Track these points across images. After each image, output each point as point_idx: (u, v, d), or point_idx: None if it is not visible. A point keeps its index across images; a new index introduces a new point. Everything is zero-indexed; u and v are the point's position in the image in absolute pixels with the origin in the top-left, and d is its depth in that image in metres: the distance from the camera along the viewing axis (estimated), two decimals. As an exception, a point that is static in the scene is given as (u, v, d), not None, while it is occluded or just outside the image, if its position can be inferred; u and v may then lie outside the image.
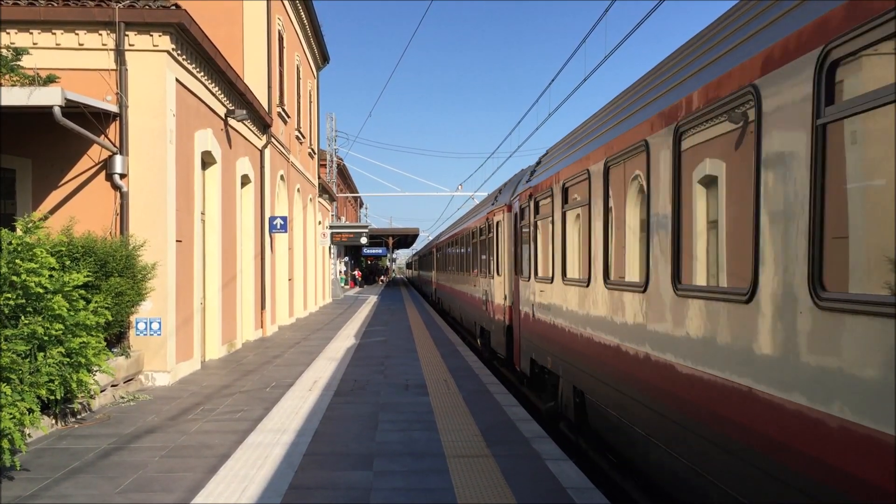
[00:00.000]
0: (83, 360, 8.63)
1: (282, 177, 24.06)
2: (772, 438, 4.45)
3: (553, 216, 10.26)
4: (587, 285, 8.45)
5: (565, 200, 9.72)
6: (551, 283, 10.36)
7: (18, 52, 11.31)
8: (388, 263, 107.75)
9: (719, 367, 5.15)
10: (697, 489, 5.55)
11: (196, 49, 13.60)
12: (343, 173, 57.11)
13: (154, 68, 12.35)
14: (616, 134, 7.65)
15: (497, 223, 16.33)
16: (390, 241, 75.27)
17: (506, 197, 15.52)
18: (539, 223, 11.35)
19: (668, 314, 6.07)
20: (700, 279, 5.70)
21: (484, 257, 18.67)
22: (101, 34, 12.17)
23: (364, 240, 41.33)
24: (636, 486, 7.73)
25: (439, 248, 36.07)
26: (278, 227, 21.52)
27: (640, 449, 6.80)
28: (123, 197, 12.09)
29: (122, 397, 11.05)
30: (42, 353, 8.02)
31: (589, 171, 8.47)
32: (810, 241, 4.10)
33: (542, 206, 11.23)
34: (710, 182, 5.66)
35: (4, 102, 10.36)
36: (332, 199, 43.08)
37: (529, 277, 12.10)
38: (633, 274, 7.12)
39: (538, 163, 12.72)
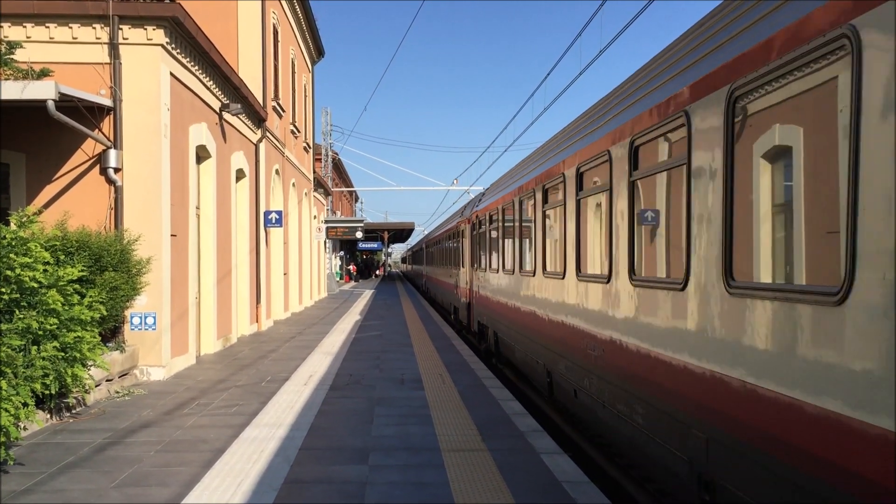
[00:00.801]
0: (78, 355, 8.61)
1: (277, 171, 24.02)
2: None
3: (488, 229, 16.58)
4: (505, 273, 14.12)
5: (491, 221, 16.08)
6: (486, 272, 16.79)
7: (12, 46, 11.26)
8: (383, 258, 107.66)
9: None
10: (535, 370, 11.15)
11: (190, 43, 13.55)
12: (338, 168, 57.07)
13: (148, 62, 12.31)
14: (522, 181, 12.56)
15: (462, 230, 22.38)
16: (386, 235, 75.23)
17: (468, 212, 21.17)
18: (482, 233, 17.69)
19: (534, 289, 11.29)
20: (558, 268, 9.91)
21: (455, 255, 24.71)
22: (94, 28, 12.12)
23: (359, 234, 41.33)
24: (630, 479, 7.76)
25: (426, 247, 43.03)
26: (273, 221, 21.50)
27: (519, 357, 12.72)
28: (118, 191, 12.05)
29: (117, 392, 11.04)
30: (36, 348, 8.01)
31: (502, 205, 14.46)
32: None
33: (482, 222, 17.68)
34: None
35: (-2, 96, 10.31)
36: (327, 193, 43.04)
37: (478, 269, 18.28)
38: (533, 266, 11.47)
39: (483, 193, 19.35)
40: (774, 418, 4.44)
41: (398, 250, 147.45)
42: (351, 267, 72.93)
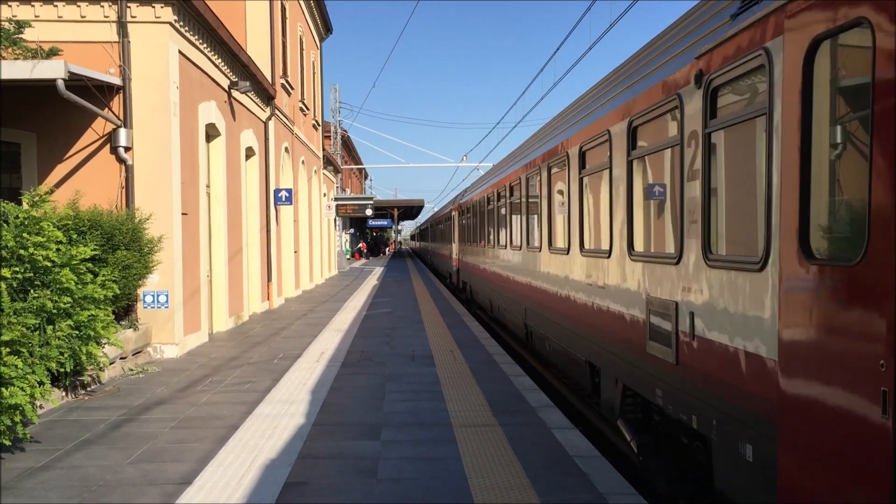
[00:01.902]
0: (92, 333, 8.68)
1: (286, 149, 24.00)
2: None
3: (469, 215, 23.07)
4: (479, 245, 20.20)
5: (470, 211, 22.57)
6: (465, 244, 24.22)
7: (21, 25, 11.25)
8: (392, 235, 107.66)
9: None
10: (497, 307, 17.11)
11: (198, 20, 13.50)
12: (347, 145, 56.96)
13: (156, 40, 12.28)
14: (494, 179, 17.50)
15: (453, 214, 29.68)
16: (395, 212, 75.21)
17: (457, 202, 28.63)
18: (464, 218, 24.74)
19: (493, 256, 17.44)
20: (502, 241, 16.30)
21: (448, 234, 32.42)
22: (102, 6, 12.08)
23: (369, 211, 41.34)
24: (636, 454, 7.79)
25: (431, 226, 52.22)
26: (283, 199, 21.51)
27: (481, 299, 19.85)
28: (128, 170, 12.08)
29: (131, 370, 11.14)
30: (51, 327, 8.07)
31: (476, 199, 20.83)
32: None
33: (464, 211, 24.77)
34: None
35: (7, 76, 10.32)
36: (336, 171, 42.99)
37: (462, 243, 25.65)
38: (501, 240, 15.92)
39: (466, 189, 26.97)
40: (546, 299, 11.01)
41: (408, 227, 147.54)
42: (361, 245, 73.03)
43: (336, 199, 39.34)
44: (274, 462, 6.61)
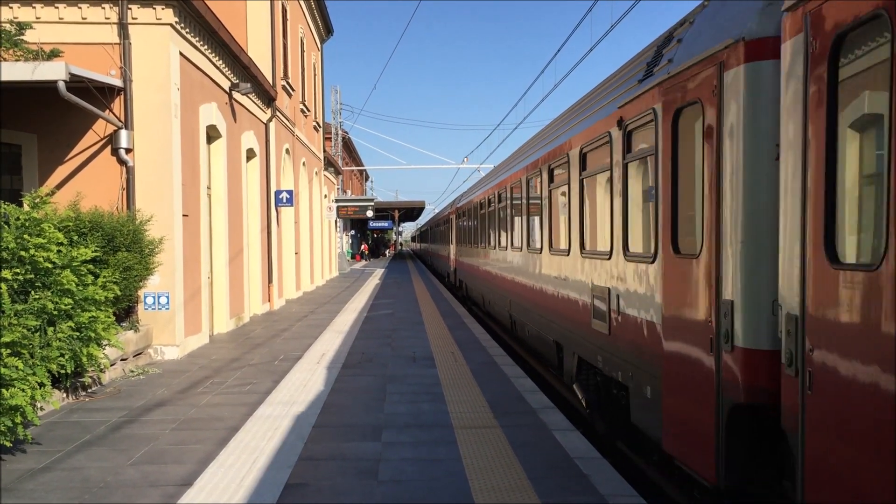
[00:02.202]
0: (93, 335, 8.68)
1: (287, 150, 24.00)
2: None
3: (463, 219, 25.54)
4: (472, 247, 21.88)
5: (465, 214, 24.71)
6: (461, 245, 26.13)
7: (21, 27, 11.26)
8: (393, 236, 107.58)
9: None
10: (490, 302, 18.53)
11: (199, 22, 13.51)
12: (348, 146, 56.97)
13: (157, 42, 12.29)
14: (482, 189, 20.32)
15: (451, 218, 31.61)
16: (396, 214, 75.20)
17: (454, 206, 30.76)
18: (461, 221, 26.44)
19: (482, 256, 19.66)
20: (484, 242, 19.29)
21: (447, 235, 34.35)
22: (103, 8, 12.09)
23: (370, 213, 41.29)
24: (643, 457, 7.79)
25: (430, 229, 55.10)
26: (284, 200, 21.52)
27: (474, 294, 21.93)
28: (129, 171, 12.08)
29: (132, 371, 11.14)
30: (52, 328, 8.07)
31: (469, 205, 23.45)
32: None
33: (459, 214, 27.18)
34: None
35: (9, 77, 10.33)
36: (337, 172, 43.00)
37: (458, 244, 27.71)
38: (491, 242, 17.68)
39: (461, 195, 29.53)
40: (525, 292, 12.71)
41: (408, 229, 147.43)
42: (363, 247, 73.06)
43: (337, 201, 39.34)
44: (275, 463, 6.61)
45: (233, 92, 16.29)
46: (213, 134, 15.21)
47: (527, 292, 12.81)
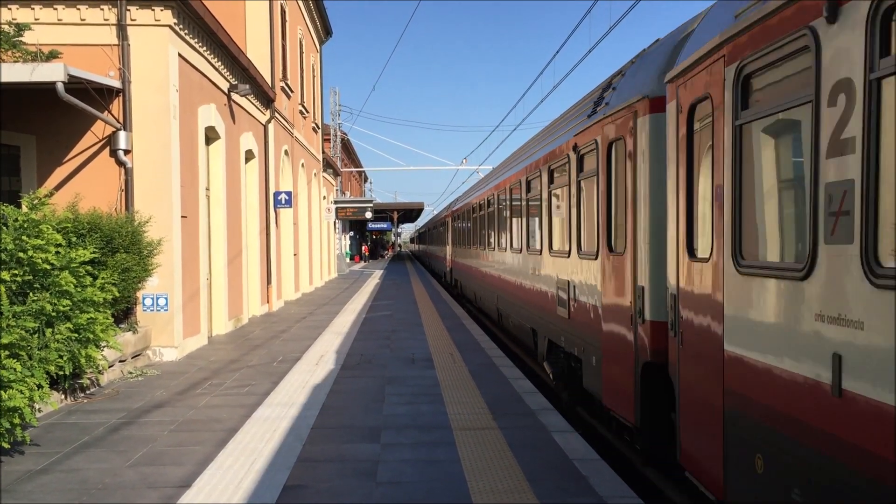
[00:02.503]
0: (91, 336, 8.67)
1: (286, 152, 24.00)
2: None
3: (457, 222, 28.12)
4: (465, 248, 24.76)
5: (459, 218, 27.45)
6: (456, 247, 29.14)
7: (20, 28, 11.25)
8: (392, 238, 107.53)
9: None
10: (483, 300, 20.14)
11: (198, 23, 13.51)
12: (347, 148, 56.95)
13: (156, 43, 12.29)
14: (469, 198, 24.01)
15: (447, 220, 33.93)
16: (395, 215, 75.18)
17: (446, 212, 34.90)
18: (456, 223, 28.62)
19: (476, 257, 21.73)
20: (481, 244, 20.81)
21: (443, 237, 37.06)
22: (102, 9, 12.09)
23: (369, 214, 41.31)
24: (639, 457, 7.78)
25: (428, 231, 59.79)
26: (283, 202, 21.51)
27: (468, 292, 24.33)
28: (128, 173, 12.08)
29: (131, 372, 11.13)
30: (50, 330, 8.06)
31: (463, 209, 25.68)
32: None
33: (454, 217, 29.54)
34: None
35: (7, 79, 10.32)
36: (336, 173, 43.00)
37: (454, 246, 30.25)
38: (481, 243, 19.79)
39: (457, 198, 31.83)
40: (509, 287, 14.86)
41: (407, 230, 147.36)
42: (364, 248, 73.07)
43: (336, 202, 39.34)
44: (273, 465, 6.61)
45: (231, 93, 16.29)
46: (211, 135, 15.21)
47: (510, 287, 14.90)
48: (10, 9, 11.93)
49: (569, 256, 9.69)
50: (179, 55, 12.82)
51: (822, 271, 3.92)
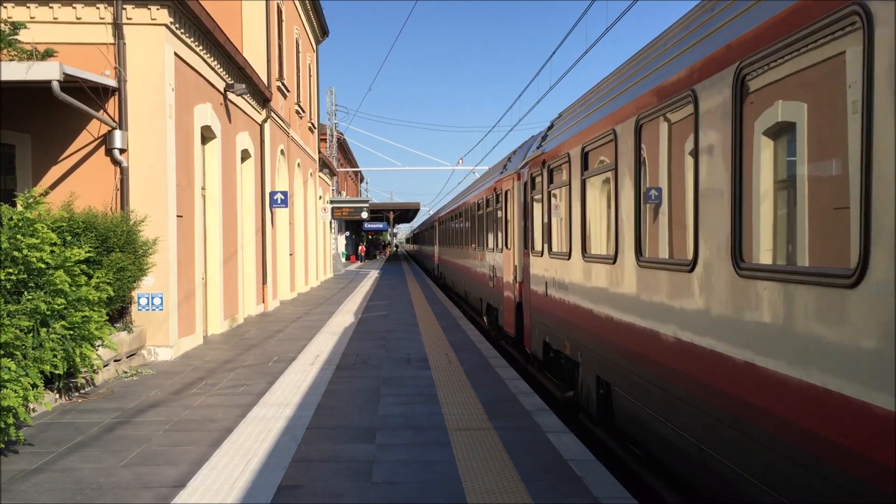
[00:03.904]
0: (86, 334, 8.65)
1: (282, 151, 23.98)
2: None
3: (441, 226, 36.49)
4: (446, 247, 32.88)
5: (442, 223, 35.92)
6: (441, 246, 36.95)
7: (16, 27, 11.22)
8: (388, 238, 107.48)
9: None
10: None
11: (194, 22, 13.49)
12: (343, 148, 56.91)
13: (152, 42, 12.26)
14: (450, 207, 32.43)
15: (435, 224, 41.35)
16: (391, 215, 75.18)
17: (434, 217, 44.56)
18: (441, 227, 36.45)
19: (453, 255, 30.19)
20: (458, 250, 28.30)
21: (431, 239, 45.39)
22: (98, 8, 12.07)
23: (365, 214, 41.30)
24: (636, 458, 7.79)
25: (420, 232, 68.49)
26: (279, 201, 21.49)
27: (450, 282, 31.51)
28: (123, 172, 12.05)
29: (125, 372, 11.11)
30: (45, 329, 8.04)
31: (445, 216, 34.22)
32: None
33: (440, 222, 37.63)
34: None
35: (3, 77, 10.29)
36: (332, 173, 42.97)
37: (441, 246, 36.66)
38: (455, 243, 28.50)
39: (441, 208, 42.01)
40: (470, 273, 22.54)
41: (403, 230, 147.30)
42: (360, 248, 73.05)
43: (332, 202, 39.32)
44: (268, 465, 6.60)
45: (228, 93, 16.27)
46: (207, 135, 15.19)
47: (470, 273, 22.38)
48: (5, 7, 11.90)
49: (493, 252, 16.93)
50: (175, 54, 12.79)
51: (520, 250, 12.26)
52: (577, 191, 8.82)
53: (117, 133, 11.97)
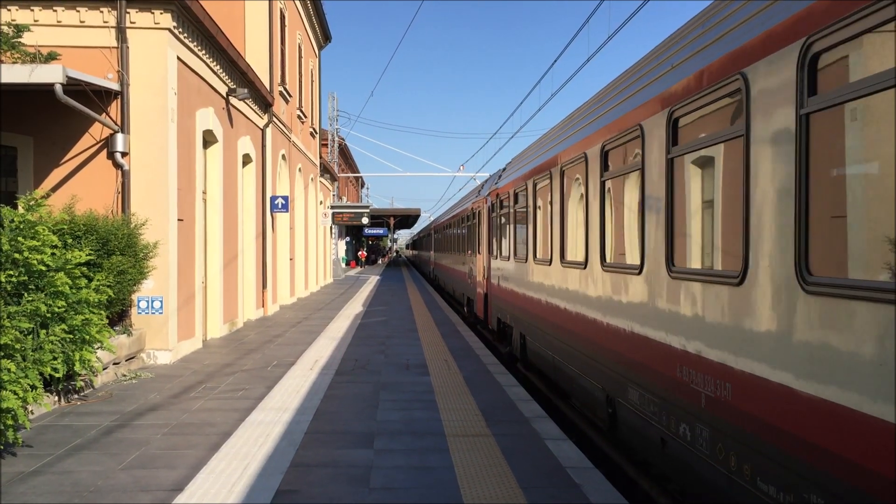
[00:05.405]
0: (86, 336, 8.66)
1: (283, 156, 24.02)
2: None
3: (436, 234, 41.60)
4: (441, 253, 36.86)
5: (436, 231, 41.06)
6: (436, 252, 41.53)
7: (19, 29, 11.26)
8: (388, 244, 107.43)
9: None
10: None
11: (197, 27, 13.53)
12: (344, 153, 56.99)
13: (155, 46, 12.30)
14: (443, 218, 37.49)
15: (430, 232, 47.33)
16: (392, 221, 75.19)
17: (430, 226, 50.89)
18: (435, 235, 41.72)
19: (441, 258, 37.06)
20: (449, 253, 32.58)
21: (428, 244, 50.59)
22: (102, 11, 12.11)
23: (365, 220, 41.33)
24: (632, 463, 7.80)
25: (419, 239, 73.89)
26: (280, 206, 21.52)
27: (442, 283, 36.05)
28: (125, 175, 12.08)
29: (125, 375, 11.11)
30: (45, 331, 8.05)
31: (439, 225, 39.11)
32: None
33: (435, 230, 42.54)
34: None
35: (6, 80, 10.33)
36: (333, 178, 43.02)
37: (436, 252, 41.47)
38: (445, 249, 33.65)
39: (437, 217, 46.71)
40: (457, 274, 26.84)
41: (404, 236, 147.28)
42: (361, 253, 73.05)
43: (332, 207, 39.35)
44: (266, 469, 6.60)
45: (230, 97, 16.31)
46: (209, 139, 15.22)
47: (455, 273, 26.86)
48: (9, 10, 11.94)
49: (470, 256, 21.04)
50: (178, 58, 12.83)
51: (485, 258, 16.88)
52: (511, 216, 13.93)
53: (119, 136, 12.00)
